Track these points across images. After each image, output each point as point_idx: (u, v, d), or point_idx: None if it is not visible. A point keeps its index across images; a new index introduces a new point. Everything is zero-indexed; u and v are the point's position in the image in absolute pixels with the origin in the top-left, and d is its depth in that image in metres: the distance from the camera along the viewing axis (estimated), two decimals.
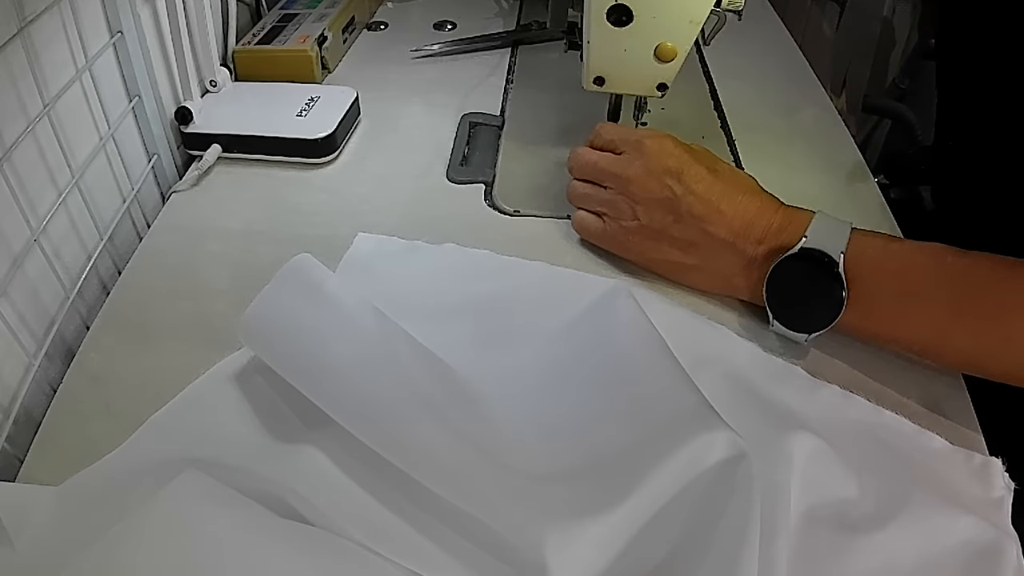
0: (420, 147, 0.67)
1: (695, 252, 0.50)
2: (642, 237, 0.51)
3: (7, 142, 0.45)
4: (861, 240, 0.45)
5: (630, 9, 0.52)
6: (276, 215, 0.60)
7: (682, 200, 0.48)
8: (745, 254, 0.48)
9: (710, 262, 0.49)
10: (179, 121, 0.64)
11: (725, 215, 0.48)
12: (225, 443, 0.41)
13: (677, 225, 0.49)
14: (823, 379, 0.46)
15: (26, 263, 0.47)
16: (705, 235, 0.48)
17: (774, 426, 0.41)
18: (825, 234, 0.45)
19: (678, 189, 0.49)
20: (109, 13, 0.54)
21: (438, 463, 0.37)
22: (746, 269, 0.49)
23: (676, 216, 0.49)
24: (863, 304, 0.44)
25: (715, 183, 0.49)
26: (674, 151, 0.50)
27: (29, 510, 0.37)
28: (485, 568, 0.35)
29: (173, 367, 0.46)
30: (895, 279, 0.44)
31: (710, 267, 0.50)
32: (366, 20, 0.90)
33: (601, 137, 0.54)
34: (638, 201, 0.50)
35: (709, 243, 0.49)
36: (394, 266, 0.54)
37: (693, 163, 0.49)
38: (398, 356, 0.42)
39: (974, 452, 0.42)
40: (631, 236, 0.52)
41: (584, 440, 0.41)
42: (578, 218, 0.55)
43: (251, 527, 0.35)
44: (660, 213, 0.49)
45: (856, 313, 0.45)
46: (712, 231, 0.48)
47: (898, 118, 1.19)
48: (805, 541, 0.37)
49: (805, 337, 0.46)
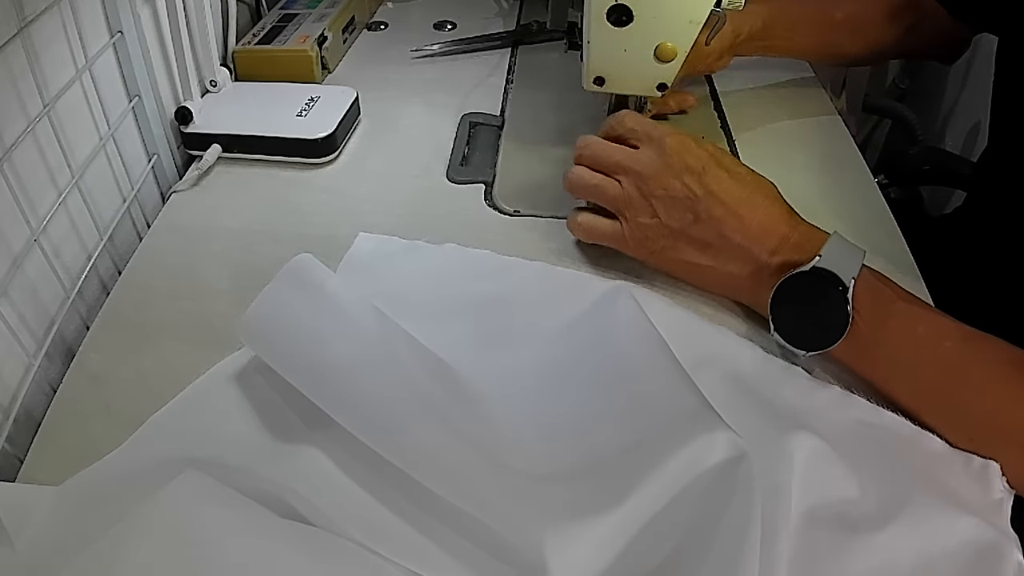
0: (420, 147, 0.68)
1: (710, 253, 0.49)
2: (660, 235, 0.50)
3: (7, 142, 0.45)
4: (870, 280, 0.45)
5: (630, 9, 0.52)
6: (276, 215, 0.60)
7: (702, 200, 0.48)
8: (757, 261, 0.48)
9: (723, 264, 0.49)
10: (179, 121, 0.64)
11: (743, 219, 0.48)
12: (225, 443, 0.41)
13: (695, 225, 0.49)
14: (823, 379, 0.46)
15: (26, 263, 0.47)
16: (721, 238, 0.48)
17: (774, 426, 0.41)
18: (839, 257, 0.45)
19: (699, 189, 0.48)
20: (109, 13, 0.54)
21: (438, 463, 0.37)
22: (754, 275, 0.48)
23: (695, 216, 0.48)
24: (858, 343, 0.44)
25: (735, 186, 0.48)
26: (696, 150, 0.49)
27: (29, 510, 0.37)
28: (485, 568, 0.35)
29: (173, 367, 0.46)
30: (892, 337, 0.44)
31: (722, 269, 0.49)
32: (366, 20, 0.90)
33: (623, 125, 0.52)
34: (658, 198, 0.49)
35: (724, 246, 0.48)
36: (395, 266, 0.54)
37: (714, 165, 0.49)
38: (398, 356, 0.42)
39: (973, 454, 0.42)
40: (649, 233, 0.50)
41: (584, 440, 0.41)
42: (582, 218, 0.53)
43: (251, 527, 0.35)
44: (679, 212, 0.49)
45: (849, 348, 0.44)
46: (728, 235, 0.48)
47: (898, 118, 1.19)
48: (805, 541, 0.37)
49: (804, 353, 0.46)
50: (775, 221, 0.48)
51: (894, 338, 0.44)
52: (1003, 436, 0.42)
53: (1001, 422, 0.42)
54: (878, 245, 0.47)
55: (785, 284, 0.46)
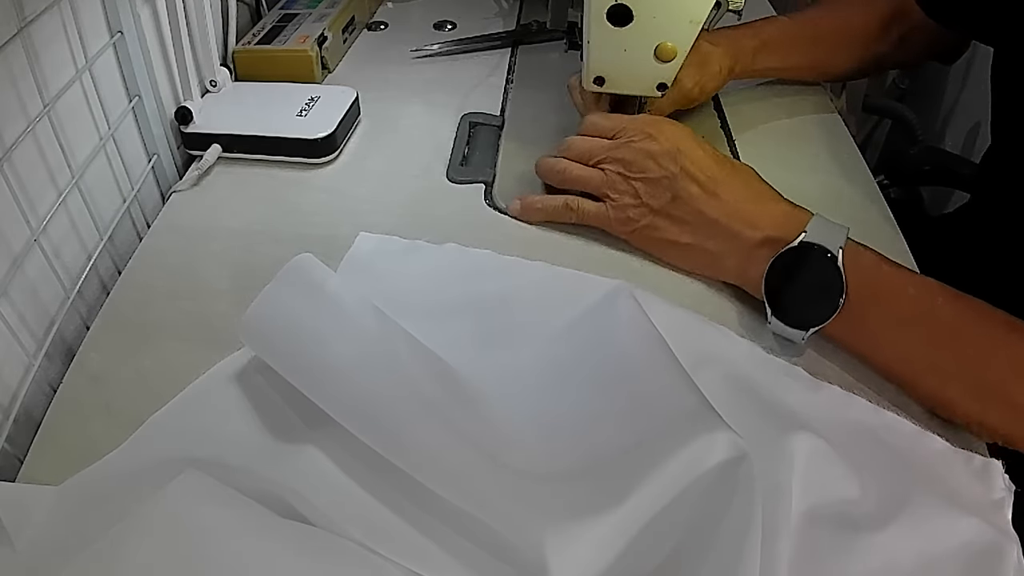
0: (420, 147, 0.67)
1: (688, 231, 0.51)
2: (642, 215, 0.53)
3: (7, 142, 0.45)
4: (857, 249, 0.46)
5: (630, 9, 0.52)
6: (276, 215, 0.60)
7: (678, 178, 0.51)
8: (738, 237, 0.49)
9: (702, 241, 0.51)
10: (179, 121, 0.64)
11: (720, 196, 0.50)
12: (226, 443, 0.41)
13: (673, 204, 0.51)
14: (823, 379, 0.46)
15: (26, 263, 0.47)
16: (698, 215, 0.50)
17: (775, 426, 0.41)
18: (824, 231, 0.46)
19: (674, 168, 0.51)
20: (109, 13, 0.54)
21: (438, 463, 0.37)
22: (736, 252, 0.50)
23: (673, 194, 0.51)
24: (852, 313, 0.45)
25: (711, 165, 0.51)
26: (671, 132, 0.52)
27: (29, 510, 0.37)
28: (485, 568, 0.35)
29: (173, 367, 0.46)
30: (883, 302, 0.45)
31: (701, 246, 0.51)
32: (366, 20, 0.90)
33: (597, 127, 0.56)
34: (639, 180, 0.52)
35: (701, 223, 0.51)
36: (395, 266, 0.54)
37: (693, 146, 0.52)
38: (399, 356, 0.42)
39: (974, 454, 0.42)
40: (631, 214, 0.53)
41: (584, 440, 0.41)
42: (571, 201, 0.56)
43: (251, 527, 0.35)
44: (659, 191, 0.51)
45: (844, 320, 0.45)
46: (705, 211, 0.50)
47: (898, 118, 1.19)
48: (806, 541, 0.37)
49: (802, 335, 0.46)
50: (753, 197, 0.50)
51: (886, 302, 0.45)
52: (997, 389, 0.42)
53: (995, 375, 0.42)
54: (878, 245, 0.47)
55: (776, 264, 0.47)
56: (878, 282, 0.45)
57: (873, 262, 0.46)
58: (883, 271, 0.46)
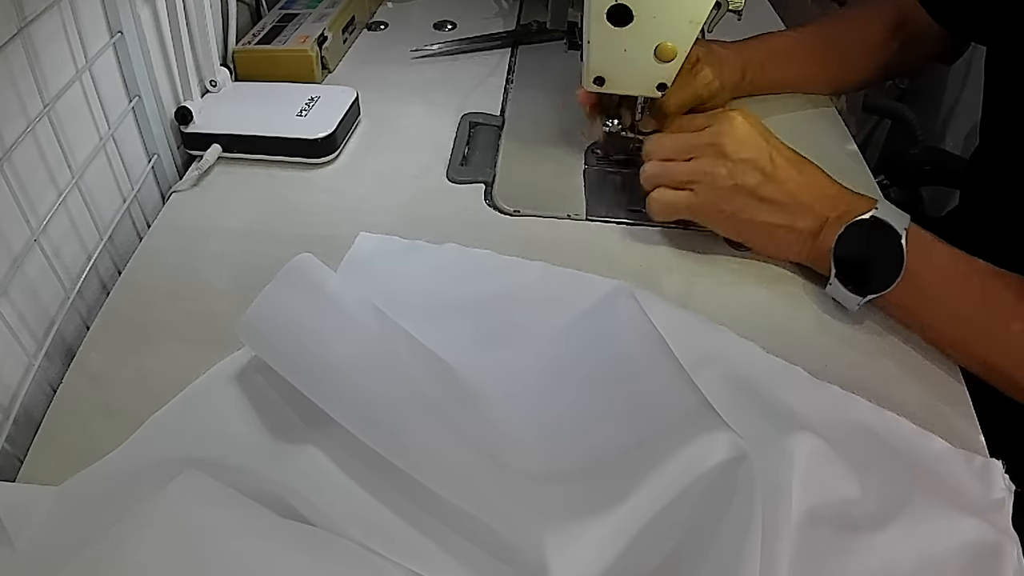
0: (420, 147, 0.67)
1: (782, 212, 0.52)
2: (734, 195, 0.52)
3: (7, 142, 0.45)
4: (917, 229, 0.49)
5: (630, 9, 0.52)
6: (276, 215, 0.60)
7: (771, 161, 0.52)
8: (821, 218, 0.51)
9: (794, 221, 0.52)
10: (179, 121, 0.64)
11: (805, 181, 0.52)
12: (226, 443, 0.41)
13: (766, 185, 0.52)
14: (824, 380, 0.46)
15: (26, 263, 0.47)
16: (791, 196, 0.52)
17: (775, 426, 0.41)
18: (891, 212, 0.49)
19: (767, 151, 0.52)
20: (109, 13, 0.54)
21: (438, 463, 0.37)
22: (816, 233, 0.51)
23: (765, 175, 0.52)
24: (912, 284, 0.48)
25: (794, 154, 0.53)
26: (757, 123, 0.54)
27: (29, 510, 0.37)
28: (485, 568, 0.35)
29: (173, 367, 0.46)
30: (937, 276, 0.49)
31: (794, 226, 0.52)
32: (366, 20, 0.90)
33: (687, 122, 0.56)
34: (733, 161, 0.52)
35: (793, 204, 0.52)
36: (395, 266, 0.54)
37: (771, 135, 0.54)
38: (399, 356, 0.42)
39: (975, 454, 0.42)
40: (724, 196, 0.53)
41: (584, 440, 0.41)
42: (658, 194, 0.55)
43: (251, 527, 0.35)
44: (752, 172, 0.52)
45: (904, 291, 0.48)
46: (797, 192, 0.52)
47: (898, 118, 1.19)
48: (806, 541, 0.37)
49: (858, 301, 0.49)
50: (830, 184, 0.53)
51: (939, 276, 0.49)
52: None
53: None
54: None
55: (847, 233, 0.49)
56: (932, 259, 0.49)
57: (929, 241, 0.49)
58: (937, 249, 0.49)
